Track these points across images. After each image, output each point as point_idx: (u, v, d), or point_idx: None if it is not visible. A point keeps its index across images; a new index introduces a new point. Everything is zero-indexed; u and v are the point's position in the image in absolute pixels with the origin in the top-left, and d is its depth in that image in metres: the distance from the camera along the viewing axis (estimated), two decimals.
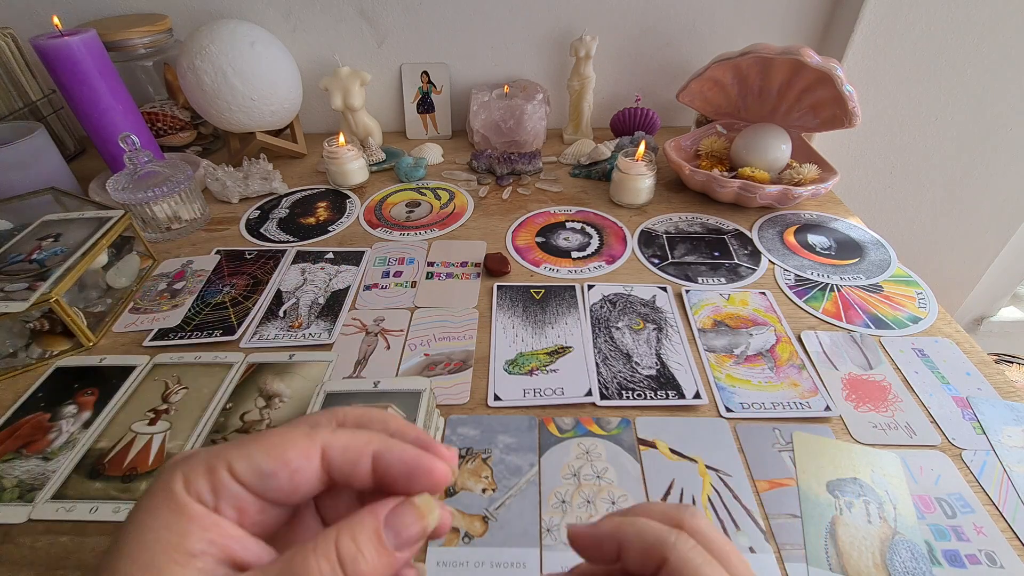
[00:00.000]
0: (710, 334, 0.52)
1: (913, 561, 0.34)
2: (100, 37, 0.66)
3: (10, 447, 0.42)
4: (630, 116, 0.85)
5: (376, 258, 0.63)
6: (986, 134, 0.90)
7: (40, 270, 0.50)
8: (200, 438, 0.42)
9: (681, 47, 0.88)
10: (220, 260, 0.63)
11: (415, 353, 0.50)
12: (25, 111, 0.79)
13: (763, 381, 0.47)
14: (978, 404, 0.45)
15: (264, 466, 0.16)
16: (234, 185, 0.73)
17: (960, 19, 0.79)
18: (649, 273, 0.60)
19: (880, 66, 0.83)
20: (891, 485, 0.39)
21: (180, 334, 0.52)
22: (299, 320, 0.54)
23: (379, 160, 0.82)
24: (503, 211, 0.72)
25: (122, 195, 0.61)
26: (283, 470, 0.17)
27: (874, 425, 0.43)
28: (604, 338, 0.51)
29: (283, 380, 0.47)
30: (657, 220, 0.69)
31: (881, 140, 0.92)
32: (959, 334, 0.52)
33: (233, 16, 0.82)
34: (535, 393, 0.46)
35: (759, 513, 0.37)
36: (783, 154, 0.70)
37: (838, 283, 0.58)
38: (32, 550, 0.36)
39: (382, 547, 0.16)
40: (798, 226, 0.68)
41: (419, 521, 0.17)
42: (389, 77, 0.90)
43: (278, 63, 0.74)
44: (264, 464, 0.16)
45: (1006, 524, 0.37)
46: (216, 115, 0.73)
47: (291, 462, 0.17)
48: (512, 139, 0.84)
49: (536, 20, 0.85)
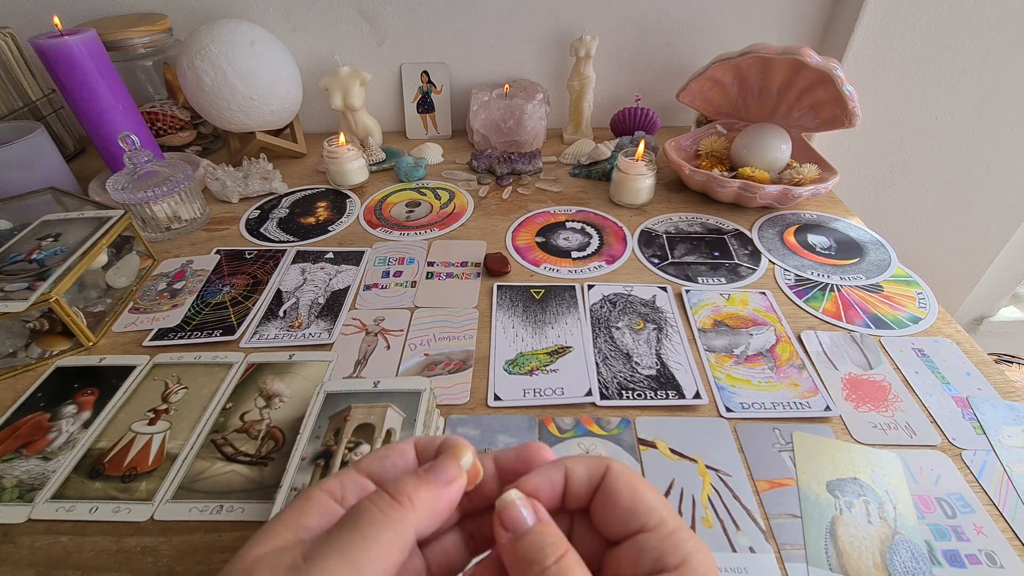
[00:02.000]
0: (710, 334, 0.52)
1: (913, 561, 0.34)
2: (100, 37, 0.66)
3: (10, 447, 0.42)
4: (630, 116, 0.85)
5: (376, 258, 0.63)
6: (986, 134, 0.90)
7: (40, 270, 0.50)
8: (200, 438, 0.42)
9: (681, 47, 0.88)
10: (220, 260, 0.63)
11: (415, 353, 0.50)
12: (25, 111, 0.79)
13: (763, 381, 0.47)
14: (978, 404, 0.45)
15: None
16: (234, 185, 0.73)
17: (960, 19, 0.79)
18: (649, 273, 0.60)
19: (880, 66, 0.83)
20: (891, 485, 0.39)
21: (180, 334, 0.52)
22: (299, 320, 0.54)
23: (379, 160, 0.82)
24: (503, 211, 0.72)
25: (122, 195, 0.61)
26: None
27: (874, 425, 0.43)
28: (604, 338, 0.51)
29: (283, 380, 0.47)
30: (657, 220, 0.69)
31: (881, 140, 0.92)
32: (959, 334, 0.52)
33: (233, 16, 0.82)
34: (535, 393, 0.46)
35: (759, 513, 0.37)
36: (783, 154, 0.70)
37: (838, 283, 0.58)
38: (32, 550, 0.36)
39: (424, 478, 0.19)
40: (798, 226, 0.68)
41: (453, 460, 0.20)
42: (389, 77, 0.90)
43: (278, 63, 0.74)
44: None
45: (1006, 524, 0.37)
46: (216, 115, 0.73)
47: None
48: (512, 139, 0.84)
49: (536, 20, 0.85)
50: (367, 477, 0.19)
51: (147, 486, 0.39)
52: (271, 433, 0.43)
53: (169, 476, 0.40)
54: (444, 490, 0.18)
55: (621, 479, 0.20)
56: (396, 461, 0.20)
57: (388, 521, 0.17)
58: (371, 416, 0.38)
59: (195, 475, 0.40)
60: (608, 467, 0.20)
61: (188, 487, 0.39)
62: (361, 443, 0.36)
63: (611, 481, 0.20)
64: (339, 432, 0.37)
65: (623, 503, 0.19)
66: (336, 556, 0.15)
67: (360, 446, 0.36)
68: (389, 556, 0.16)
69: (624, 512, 0.19)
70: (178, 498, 0.38)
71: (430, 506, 0.18)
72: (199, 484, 0.39)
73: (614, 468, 0.20)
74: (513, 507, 0.19)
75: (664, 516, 0.19)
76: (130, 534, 0.37)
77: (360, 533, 0.16)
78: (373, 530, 0.16)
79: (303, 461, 0.36)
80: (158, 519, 0.37)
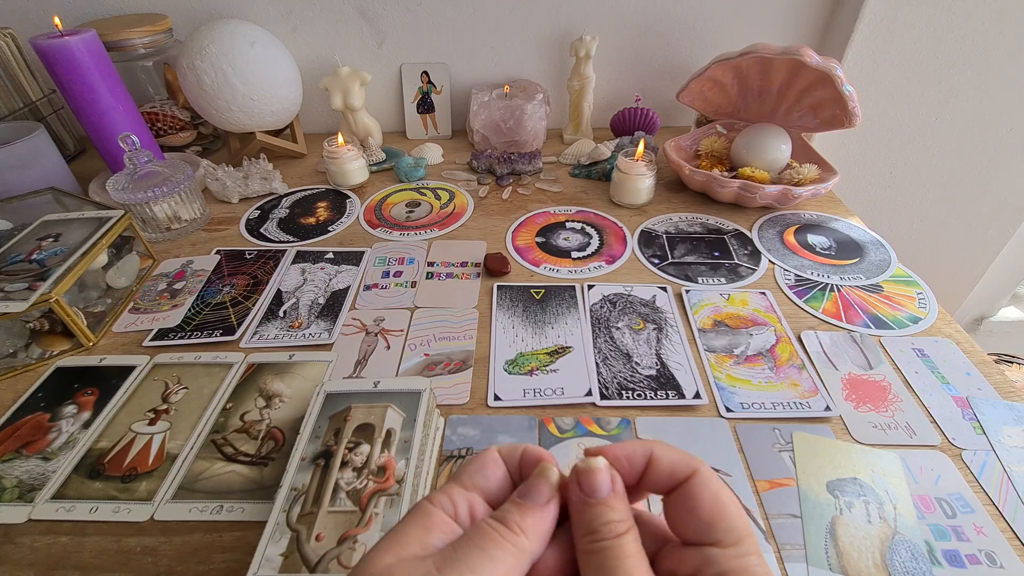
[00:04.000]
0: (710, 334, 0.52)
1: (913, 561, 0.34)
2: (100, 37, 0.66)
3: (10, 447, 0.42)
4: (630, 116, 0.85)
5: (376, 258, 0.63)
6: (986, 134, 0.90)
7: (40, 270, 0.50)
8: (200, 438, 0.42)
9: (681, 47, 0.88)
10: (220, 260, 0.63)
11: (415, 353, 0.50)
12: (25, 111, 0.79)
13: (763, 381, 0.47)
14: (978, 404, 0.45)
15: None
16: (234, 185, 0.73)
17: (960, 19, 0.79)
18: (649, 273, 0.60)
19: (880, 66, 0.83)
20: (891, 485, 0.39)
21: (180, 334, 0.52)
22: (299, 320, 0.54)
23: (379, 160, 0.82)
24: (503, 211, 0.72)
25: (122, 195, 0.61)
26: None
27: (874, 425, 0.43)
28: (604, 338, 0.51)
29: (283, 380, 0.47)
30: (657, 220, 0.69)
31: (881, 140, 0.92)
32: (959, 334, 0.52)
33: (233, 16, 0.82)
34: (535, 393, 0.46)
35: (759, 513, 0.37)
36: (783, 154, 0.70)
37: (838, 283, 0.58)
38: (32, 550, 0.36)
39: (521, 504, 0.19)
40: (798, 226, 0.68)
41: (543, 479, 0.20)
42: (389, 77, 0.90)
43: (278, 63, 0.74)
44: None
45: (1006, 524, 0.37)
46: (216, 115, 0.73)
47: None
48: (512, 139, 0.84)
49: (536, 20, 0.85)
50: (472, 491, 0.20)
51: (147, 486, 0.39)
52: (271, 433, 0.43)
53: (169, 476, 0.40)
54: (544, 512, 0.19)
55: (707, 488, 0.19)
56: (495, 471, 0.21)
57: (509, 544, 0.18)
58: (371, 416, 0.38)
59: (195, 475, 0.40)
60: (696, 471, 0.20)
61: (188, 487, 0.39)
62: (361, 443, 0.36)
63: (695, 487, 0.19)
64: (339, 432, 0.37)
65: (703, 513, 0.19)
66: (468, 571, 0.17)
67: (360, 446, 0.36)
68: (510, 575, 0.17)
69: (702, 522, 0.19)
70: (178, 498, 0.38)
71: (537, 529, 0.19)
72: (199, 484, 0.39)
73: (702, 474, 0.20)
74: (597, 474, 0.19)
75: (741, 536, 0.18)
76: (130, 534, 0.37)
77: (487, 554, 0.17)
78: (499, 552, 0.17)
79: (303, 461, 0.36)
80: (158, 519, 0.37)
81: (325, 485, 0.34)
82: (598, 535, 0.18)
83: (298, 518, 0.33)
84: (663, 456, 0.20)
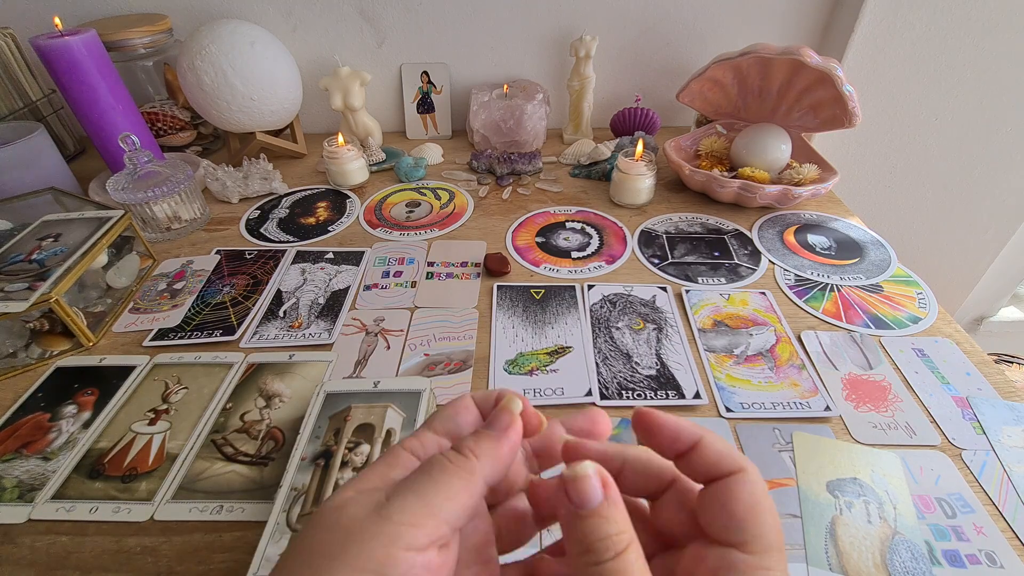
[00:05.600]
0: (710, 334, 0.52)
1: (913, 561, 0.34)
2: (100, 37, 0.66)
3: (10, 447, 0.42)
4: (630, 116, 0.85)
5: (376, 258, 0.63)
6: (986, 134, 0.90)
7: (40, 270, 0.50)
8: (200, 438, 0.42)
9: (681, 47, 0.88)
10: (220, 260, 0.63)
11: (415, 353, 0.50)
12: (25, 111, 0.79)
13: (763, 381, 0.47)
14: (978, 404, 0.45)
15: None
16: (234, 185, 0.73)
17: (960, 19, 0.79)
18: (649, 273, 0.60)
19: (880, 66, 0.83)
20: (891, 485, 0.39)
21: (180, 334, 0.52)
22: (299, 320, 0.54)
23: (379, 160, 0.82)
24: (503, 211, 0.72)
25: (122, 195, 0.61)
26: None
27: (874, 425, 0.43)
28: (604, 338, 0.51)
29: (283, 380, 0.47)
30: (657, 220, 0.69)
31: (881, 140, 0.92)
32: (959, 334, 0.52)
33: (233, 16, 0.82)
34: (535, 393, 0.46)
35: None
36: (783, 154, 0.70)
37: (838, 283, 0.58)
38: (32, 550, 0.36)
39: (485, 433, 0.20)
40: (798, 226, 0.68)
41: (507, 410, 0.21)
42: (389, 77, 0.90)
43: (278, 63, 0.74)
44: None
45: (1006, 524, 0.37)
46: (216, 115, 0.73)
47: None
48: (512, 139, 0.84)
49: (536, 20, 0.85)
50: (442, 435, 0.21)
51: (147, 486, 0.39)
52: (271, 433, 0.43)
53: (169, 476, 0.40)
54: (502, 438, 0.20)
55: (748, 487, 0.18)
56: (466, 416, 0.22)
57: (456, 468, 0.18)
58: (371, 416, 0.38)
59: (195, 475, 0.40)
60: (744, 470, 0.19)
61: (188, 487, 0.39)
62: (361, 443, 0.36)
63: (737, 483, 0.18)
64: (339, 432, 0.37)
65: (737, 509, 0.18)
66: (412, 495, 0.17)
67: (360, 446, 0.36)
68: (458, 498, 0.18)
69: (733, 519, 0.18)
70: (178, 498, 0.38)
71: (492, 454, 0.19)
72: (199, 484, 0.39)
73: (749, 473, 0.19)
74: (584, 481, 0.18)
75: (770, 546, 0.17)
76: (130, 534, 0.37)
77: (433, 478, 0.18)
78: (444, 476, 0.18)
79: (303, 461, 0.36)
80: (158, 519, 0.37)
81: (325, 485, 0.34)
82: (596, 556, 0.16)
83: (298, 518, 0.33)
84: (711, 444, 0.20)
